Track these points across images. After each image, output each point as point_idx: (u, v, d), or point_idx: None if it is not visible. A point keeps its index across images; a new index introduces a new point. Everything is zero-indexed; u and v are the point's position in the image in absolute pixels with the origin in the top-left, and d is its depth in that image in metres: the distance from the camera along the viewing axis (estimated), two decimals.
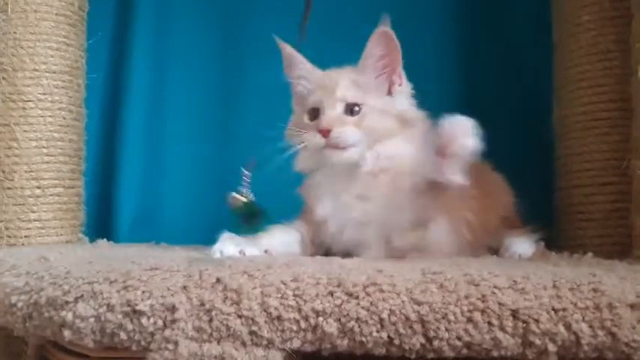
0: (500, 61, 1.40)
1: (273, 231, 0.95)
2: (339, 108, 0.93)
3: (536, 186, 1.27)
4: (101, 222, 1.41)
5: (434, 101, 1.40)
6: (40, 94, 1.16)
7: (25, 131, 1.15)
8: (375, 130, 0.93)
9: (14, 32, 1.15)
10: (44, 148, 1.16)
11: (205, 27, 1.49)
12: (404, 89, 0.97)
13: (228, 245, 0.84)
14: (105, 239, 1.24)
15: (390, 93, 0.96)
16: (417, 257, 0.84)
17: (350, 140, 0.91)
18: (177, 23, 1.48)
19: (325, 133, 0.90)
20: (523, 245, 1.01)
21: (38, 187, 1.15)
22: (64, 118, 1.19)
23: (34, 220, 1.14)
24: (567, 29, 1.15)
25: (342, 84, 0.94)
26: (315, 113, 0.96)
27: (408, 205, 0.84)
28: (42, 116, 1.16)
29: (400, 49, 0.93)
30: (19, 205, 1.13)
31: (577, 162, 1.12)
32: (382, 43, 0.93)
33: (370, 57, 0.94)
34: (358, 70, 0.96)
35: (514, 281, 0.65)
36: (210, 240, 1.23)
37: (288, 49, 1.01)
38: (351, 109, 0.93)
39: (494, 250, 1.03)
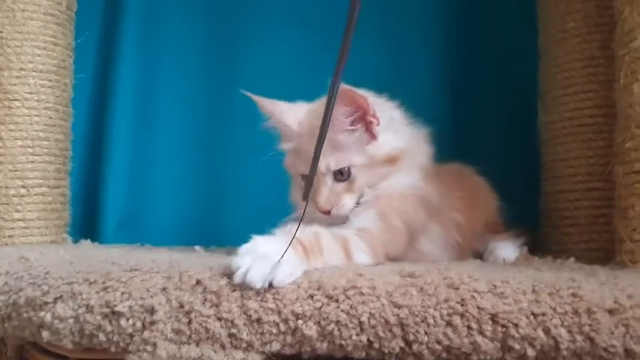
0: (489, 66, 1.41)
1: None
2: (329, 180, 0.89)
3: (522, 190, 1.28)
4: (86, 223, 1.40)
5: (423, 107, 1.42)
6: (26, 93, 1.15)
7: (11, 130, 1.14)
8: (369, 184, 0.90)
9: (1, 31, 1.14)
10: (29, 147, 1.15)
11: (194, 26, 1.48)
12: (384, 123, 0.90)
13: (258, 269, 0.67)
14: (89, 240, 1.24)
15: (372, 137, 0.89)
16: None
17: (349, 209, 0.88)
18: (166, 23, 1.48)
19: (326, 213, 0.88)
20: (507, 250, 1.01)
21: (23, 187, 1.14)
22: (51, 118, 1.18)
23: (19, 220, 1.13)
24: (553, 35, 1.16)
25: (325, 153, 0.83)
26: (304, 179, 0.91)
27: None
28: (28, 115, 1.16)
29: (365, 97, 0.87)
30: (4, 204, 1.12)
31: (562, 167, 1.12)
32: (346, 103, 0.86)
33: (338, 119, 0.86)
34: (333, 132, 0.84)
35: (494, 285, 0.65)
36: (195, 241, 1.23)
37: (264, 104, 0.98)
38: (340, 172, 0.89)
39: (479, 255, 1.03)
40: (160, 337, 0.64)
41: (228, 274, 0.67)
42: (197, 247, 1.10)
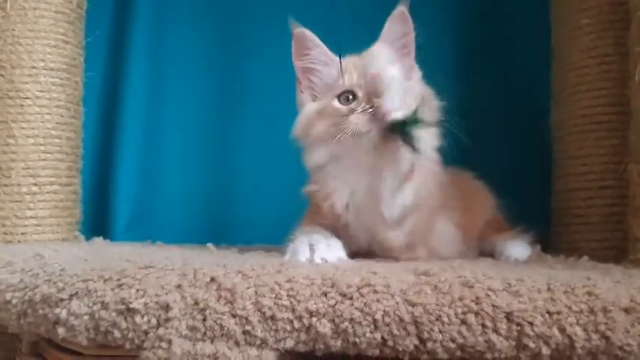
0: (499, 64, 1.41)
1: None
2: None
3: (533, 189, 1.27)
4: (98, 220, 1.41)
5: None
6: (37, 91, 1.16)
7: (23, 128, 1.15)
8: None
9: (13, 29, 1.15)
10: (41, 145, 1.16)
11: (203, 25, 1.49)
12: (418, 76, 0.93)
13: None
14: (101, 237, 1.24)
15: (409, 78, 0.90)
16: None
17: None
18: (175, 21, 1.48)
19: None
20: (517, 248, 1.01)
21: (35, 185, 1.15)
22: (62, 116, 1.19)
23: (31, 218, 1.14)
24: (566, 32, 1.15)
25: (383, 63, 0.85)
26: (349, 99, 0.88)
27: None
28: (39, 113, 1.16)
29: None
30: (16, 202, 1.13)
31: (574, 165, 1.12)
32: (402, 22, 0.90)
33: (391, 36, 0.90)
34: (388, 47, 0.89)
35: (508, 284, 0.65)
36: (206, 239, 1.23)
37: (305, 32, 0.94)
38: None
39: (486, 255, 1.02)
40: (175, 334, 0.64)
41: (243, 272, 0.68)
42: (210, 245, 1.10)
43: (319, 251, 0.79)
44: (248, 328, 0.64)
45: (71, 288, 0.68)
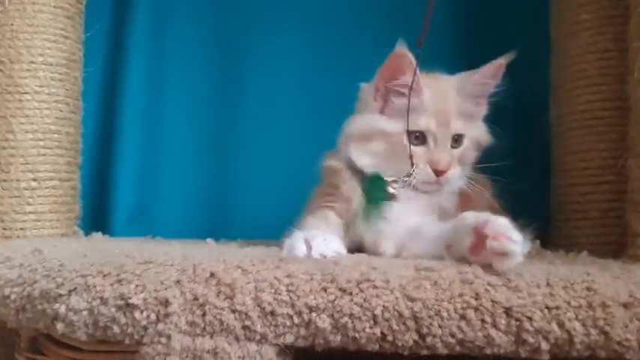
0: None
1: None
2: (449, 141, 0.90)
3: (532, 184, 1.27)
4: (97, 215, 1.41)
5: None
6: (36, 86, 1.16)
7: (22, 123, 1.15)
8: (466, 162, 0.92)
9: (11, 24, 1.14)
10: (40, 140, 1.16)
11: (203, 19, 1.48)
12: (481, 119, 0.95)
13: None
14: (100, 233, 1.24)
15: (477, 118, 0.93)
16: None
17: (454, 181, 0.90)
18: (175, 16, 1.48)
19: (440, 173, 0.88)
20: None
21: (34, 180, 1.15)
22: (61, 111, 1.19)
23: (30, 213, 1.14)
24: (565, 28, 1.15)
25: (453, 114, 0.90)
26: (418, 138, 0.90)
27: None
28: (38, 109, 1.16)
29: None
30: (15, 197, 1.13)
31: (573, 160, 1.12)
32: (497, 74, 0.91)
33: (482, 85, 0.90)
34: (463, 92, 0.91)
35: (508, 279, 0.65)
36: (205, 234, 1.24)
37: (408, 55, 0.89)
38: (455, 139, 0.90)
39: None
40: (174, 330, 0.65)
41: (242, 267, 0.68)
42: (209, 240, 1.11)
43: (316, 246, 0.79)
44: (248, 323, 0.64)
45: (70, 283, 0.68)
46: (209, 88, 1.48)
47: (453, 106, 0.90)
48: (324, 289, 0.65)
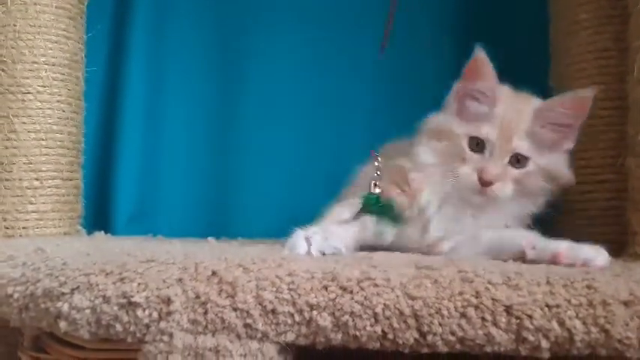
0: (497, 59, 1.40)
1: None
2: (507, 158, 0.88)
3: None
4: (99, 215, 1.41)
5: (430, 100, 1.41)
6: (39, 86, 1.16)
7: (24, 123, 1.15)
8: (530, 189, 0.89)
9: (14, 25, 1.15)
10: (43, 140, 1.16)
11: (204, 19, 1.49)
12: (569, 148, 0.92)
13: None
14: (102, 232, 1.25)
15: (555, 150, 0.90)
16: None
17: (503, 198, 0.88)
18: (176, 16, 1.48)
19: (486, 184, 0.87)
20: None
21: (36, 179, 1.15)
22: (63, 111, 1.19)
23: (32, 212, 1.14)
24: (564, 28, 1.15)
25: (520, 133, 0.88)
26: (478, 145, 0.89)
27: None
28: (41, 108, 1.16)
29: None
30: (18, 196, 1.14)
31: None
32: (581, 112, 0.88)
33: (562, 114, 0.88)
34: (541, 116, 0.88)
35: (508, 277, 0.65)
36: (206, 233, 1.24)
37: (486, 61, 0.90)
38: (517, 159, 0.88)
39: None
40: (177, 328, 0.65)
41: (244, 265, 0.68)
42: (210, 239, 1.11)
43: (315, 243, 0.81)
44: (249, 321, 0.64)
45: (73, 282, 0.69)
46: (210, 87, 1.49)
47: (523, 125, 0.88)
48: (325, 288, 0.65)
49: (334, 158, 1.45)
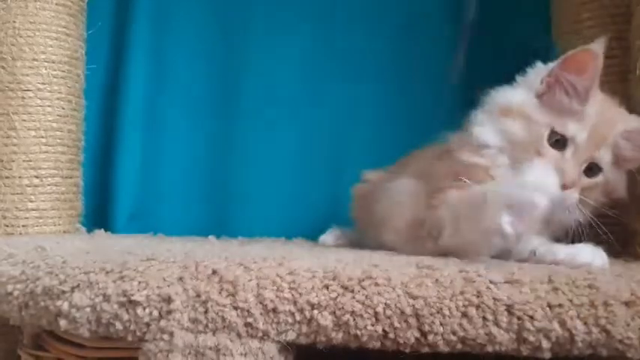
0: (499, 58, 1.40)
1: None
2: (585, 165, 0.84)
3: None
4: (99, 212, 1.41)
5: (432, 99, 1.41)
6: (39, 83, 1.16)
7: (24, 120, 1.15)
8: (591, 200, 0.85)
9: (13, 21, 1.14)
10: (43, 137, 1.16)
11: (206, 17, 1.48)
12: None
13: None
14: (102, 230, 1.25)
15: (622, 167, 0.86)
16: None
17: (573, 202, 0.83)
18: (178, 13, 1.48)
19: (564, 187, 0.81)
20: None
21: (36, 177, 1.15)
22: (63, 108, 1.19)
23: (32, 210, 1.14)
24: (567, 27, 1.14)
25: (608, 143, 0.84)
26: (558, 142, 0.83)
27: None
28: (41, 106, 1.16)
29: None
30: (17, 194, 1.13)
31: None
32: None
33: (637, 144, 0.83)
34: (629, 135, 0.84)
35: (510, 276, 0.65)
36: (206, 232, 1.24)
37: (600, 56, 0.84)
38: (590, 167, 0.84)
39: None
40: (177, 326, 0.65)
41: (244, 264, 0.68)
42: (211, 237, 1.11)
43: None
44: (250, 320, 0.64)
45: (73, 280, 0.68)
46: (211, 85, 1.48)
47: (610, 136, 0.83)
48: (326, 287, 0.65)
49: (336, 157, 1.45)
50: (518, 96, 0.88)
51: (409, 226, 0.87)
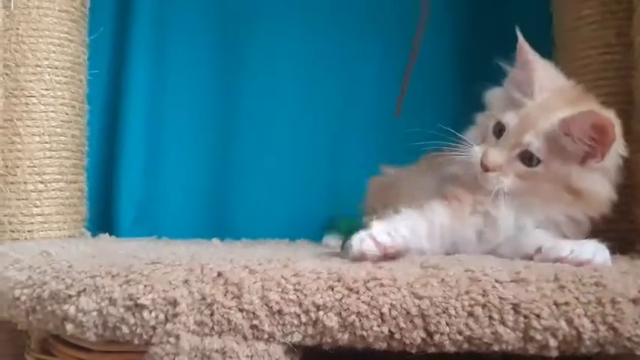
0: (500, 56, 1.40)
1: None
2: (517, 150, 0.84)
3: None
4: (104, 217, 1.41)
5: (432, 97, 1.41)
6: (42, 89, 1.16)
7: (28, 126, 1.15)
8: (541, 193, 0.84)
9: (17, 28, 1.15)
10: (47, 143, 1.16)
11: (207, 22, 1.48)
12: (602, 166, 0.83)
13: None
14: (107, 234, 1.25)
15: (582, 163, 0.83)
16: None
17: (497, 188, 0.84)
18: (179, 18, 1.48)
19: (485, 168, 0.84)
20: None
21: (41, 182, 1.15)
22: (67, 114, 1.19)
23: (37, 215, 1.14)
24: (568, 23, 1.14)
25: (537, 131, 0.83)
26: (500, 132, 0.87)
27: None
28: (44, 112, 1.16)
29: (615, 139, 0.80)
30: (22, 199, 1.13)
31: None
32: (596, 129, 0.79)
33: (579, 131, 0.80)
34: (563, 126, 0.81)
35: (516, 275, 0.65)
36: (211, 234, 1.24)
37: (523, 47, 0.89)
38: (529, 157, 0.84)
39: None
40: (183, 329, 0.65)
41: (249, 266, 0.68)
42: (215, 240, 1.11)
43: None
44: (255, 322, 0.64)
45: (79, 284, 0.69)
46: (213, 89, 1.49)
47: (545, 125, 0.83)
48: (331, 288, 0.65)
49: (337, 160, 1.45)
50: (495, 94, 0.93)
51: None
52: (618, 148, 0.85)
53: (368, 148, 1.44)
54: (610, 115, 0.83)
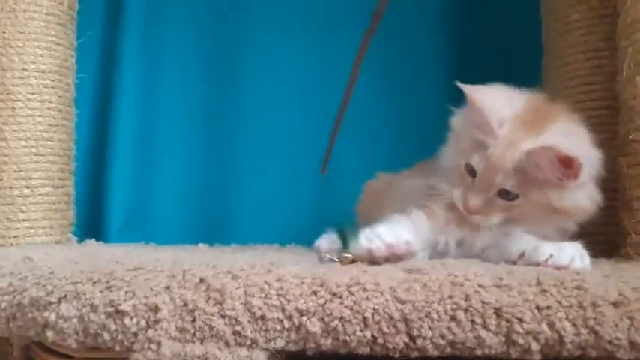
0: (489, 60, 1.41)
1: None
2: (493, 191, 0.84)
3: None
4: (91, 222, 1.41)
5: (423, 98, 1.41)
6: (29, 93, 1.15)
7: (15, 131, 1.14)
8: (522, 216, 0.85)
9: (3, 32, 1.14)
10: (33, 147, 1.15)
11: (197, 25, 1.48)
12: (579, 182, 0.81)
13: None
14: (94, 239, 1.24)
15: (559, 186, 0.81)
16: None
17: (488, 226, 0.86)
18: (169, 21, 1.48)
19: (469, 213, 0.85)
20: None
21: (27, 187, 1.14)
22: (54, 118, 1.19)
23: (23, 220, 1.13)
24: (556, 28, 1.15)
25: (506, 170, 0.82)
26: (472, 170, 0.86)
27: None
28: (31, 116, 1.15)
29: (579, 165, 0.78)
30: (8, 205, 1.13)
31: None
32: (562, 166, 0.79)
33: (546, 169, 0.80)
34: (529, 160, 0.80)
35: (498, 278, 0.65)
36: (200, 240, 1.23)
37: (475, 104, 0.85)
38: (507, 193, 0.83)
39: None
40: (165, 336, 0.64)
41: (232, 272, 0.67)
42: (201, 245, 1.10)
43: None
44: (238, 328, 0.64)
45: (60, 291, 0.68)
46: (204, 92, 1.48)
47: (512, 162, 0.82)
48: (314, 293, 0.65)
49: (331, 164, 1.45)
50: (462, 119, 0.91)
51: None
52: (593, 163, 0.84)
53: (363, 152, 1.44)
54: (572, 142, 0.82)
